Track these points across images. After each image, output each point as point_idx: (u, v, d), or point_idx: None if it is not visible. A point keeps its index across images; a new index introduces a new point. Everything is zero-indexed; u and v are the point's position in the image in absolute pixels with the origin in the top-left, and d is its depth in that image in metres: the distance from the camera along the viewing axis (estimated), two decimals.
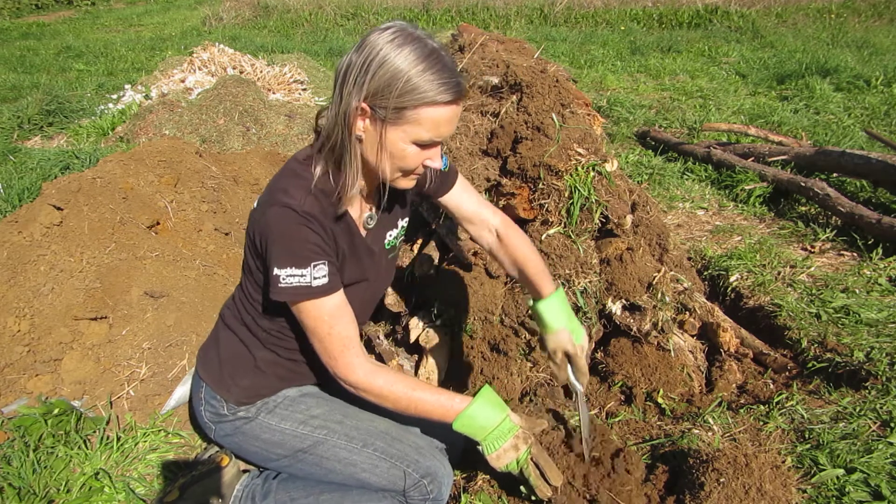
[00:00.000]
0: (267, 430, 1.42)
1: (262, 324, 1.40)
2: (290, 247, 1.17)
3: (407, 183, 1.25)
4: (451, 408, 1.25)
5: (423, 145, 1.16)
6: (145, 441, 1.88)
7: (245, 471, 1.60)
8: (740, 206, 3.55)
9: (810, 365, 2.08)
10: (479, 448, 1.29)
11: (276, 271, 1.17)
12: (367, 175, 1.27)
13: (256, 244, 1.24)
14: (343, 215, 1.27)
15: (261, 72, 6.28)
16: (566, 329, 1.44)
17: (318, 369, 1.44)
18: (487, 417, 1.25)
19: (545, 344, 1.48)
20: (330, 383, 1.48)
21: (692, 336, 2.18)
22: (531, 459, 1.29)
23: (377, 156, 1.17)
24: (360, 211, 1.36)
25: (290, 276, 1.17)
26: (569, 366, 1.48)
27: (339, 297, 1.24)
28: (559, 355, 1.46)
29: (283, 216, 1.17)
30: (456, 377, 2.08)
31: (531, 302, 1.51)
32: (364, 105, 1.11)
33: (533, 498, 1.35)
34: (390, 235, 1.47)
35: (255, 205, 1.27)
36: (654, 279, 2.10)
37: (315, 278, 1.18)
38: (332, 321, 1.21)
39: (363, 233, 1.38)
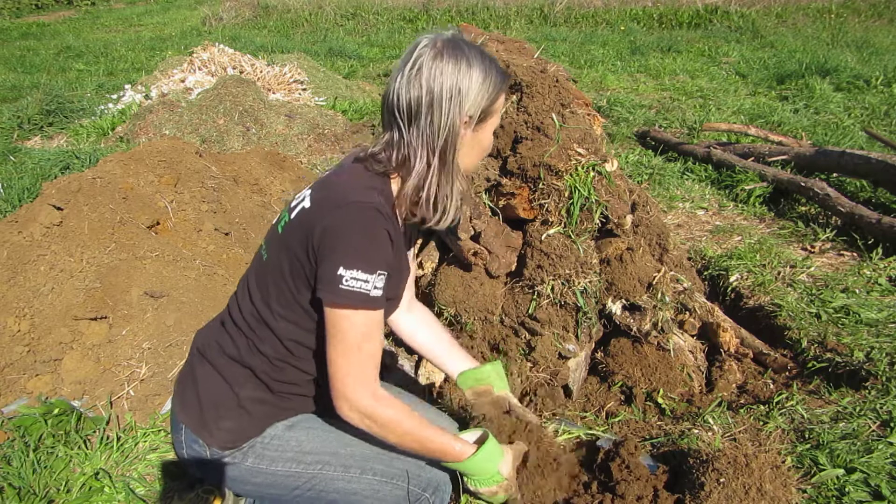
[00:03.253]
0: (258, 475, 1.33)
1: (266, 349, 1.29)
2: (365, 248, 1.12)
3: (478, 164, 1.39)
4: (453, 453, 1.29)
5: None
6: (145, 441, 1.88)
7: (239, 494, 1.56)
8: (740, 206, 3.55)
9: (810, 365, 2.08)
10: (464, 478, 1.36)
11: (340, 271, 1.11)
12: None
13: (311, 244, 1.16)
14: (405, 231, 1.30)
15: (261, 72, 6.28)
16: (494, 383, 1.56)
17: (309, 404, 1.38)
18: (483, 469, 1.32)
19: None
20: (323, 413, 1.43)
21: (692, 336, 2.18)
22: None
23: (471, 156, 1.30)
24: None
25: (355, 278, 1.11)
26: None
27: (381, 313, 1.20)
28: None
29: (364, 215, 1.14)
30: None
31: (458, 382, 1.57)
32: (466, 118, 1.21)
33: None
34: (410, 254, 1.47)
35: (309, 204, 1.21)
36: (654, 279, 2.10)
37: (375, 287, 1.14)
38: (368, 336, 1.16)
39: None
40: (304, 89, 6.31)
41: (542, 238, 2.07)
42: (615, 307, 2.08)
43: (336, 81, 6.73)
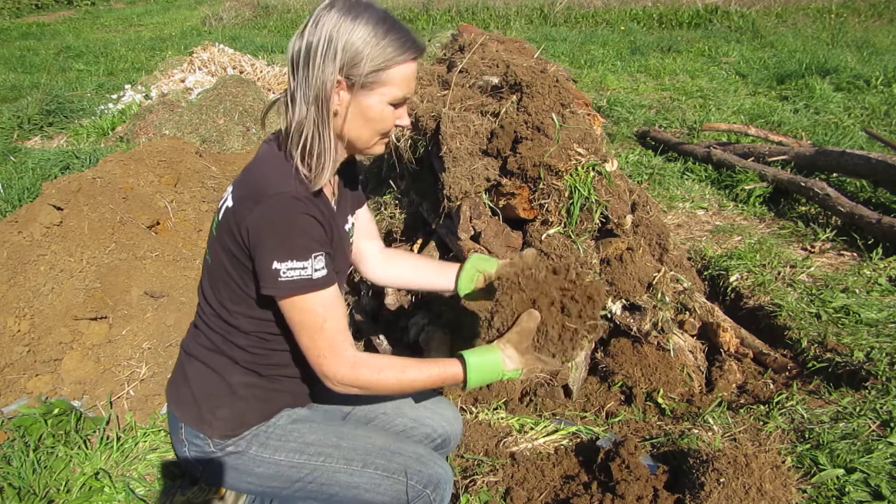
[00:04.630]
0: (261, 464, 1.34)
1: (240, 341, 1.30)
2: (290, 238, 1.13)
3: (380, 148, 1.28)
4: (452, 380, 1.26)
5: (396, 104, 1.20)
6: (145, 441, 1.88)
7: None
8: (740, 206, 3.55)
9: (810, 365, 2.08)
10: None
11: (275, 265, 1.12)
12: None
13: (243, 242, 1.17)
14: (327, 202, 1.26)
15: (261, 72, 6.28)
16: (488, 267, 1.47)
17: (299, 384, 1.39)
18: (488, 376, 1.26)
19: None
20: (317, 395, 1.47)
21: (692, 336, 2.18)
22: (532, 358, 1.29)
23: (355, 125, 1.20)
24: (330, 197, 1.32)
25: (291, 269, 1.13)
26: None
27: (335, 288, 1.21)
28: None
29: (281, 206, 1.13)
30: None
31: (458, 288, 1.50)
32: (340, 77, 1.13)
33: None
34: (348, 224, 1.43)
35: (232, 203, 1.19)
36: (654, 279, 2.10)
37: (315, 269, 1.15)
38: (326, 314, 1.18)
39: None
40: None
41: (542, 238, 2.08)
42: (615, 307, 2.08)
43: None
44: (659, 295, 2.09)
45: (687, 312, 2.15)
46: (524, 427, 1.89)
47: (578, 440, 1.83)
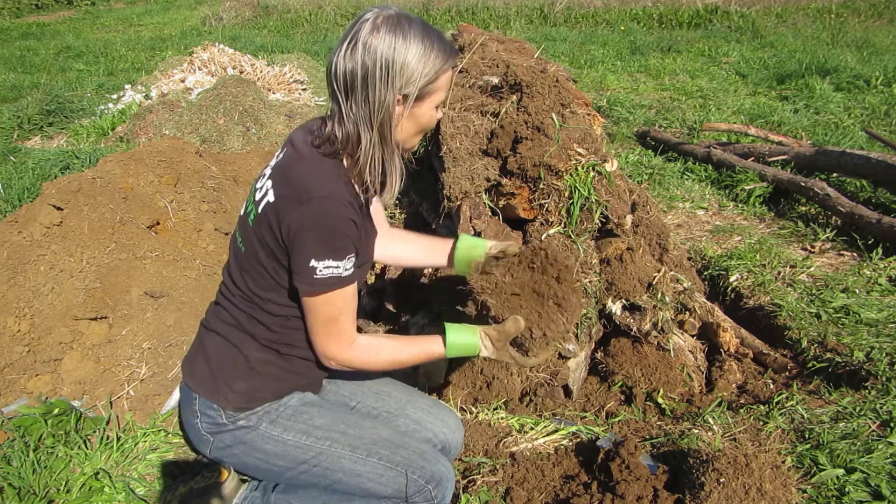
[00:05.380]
0: (269, 441, 1.38)
1: (264, 319, 1.36)
2: (332, 240, 1.20)
3: (418, 140, 1.38)
4: (436, 354, 1.40)
5: (438, 105, 1.30)
6: (145, 441, 1.88)
7: (243, 480, 1.58)
8: (740, 206, 3.55)
9: (810, 365, 2.08)
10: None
11: (312, 263, 1.19)
12: None
13: (281, 238, 1.22)
14: (360, 199, 1.31)
15: (261, 72, 6.28)
16: (478, 254, 1.57)
17: (313, 369, 1.43)
18: (465, 349, 1.41)
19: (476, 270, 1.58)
20: (327, 385, 1.53)
21: (692, 336, 2.18)
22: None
23: (407, 132, 1.29)
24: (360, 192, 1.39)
25: (328, 267, 1.21)
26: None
27: (355, 285, 1.29)
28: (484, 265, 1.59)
29: (326, 209, 1.19)
30: (456, 376, 2.08)
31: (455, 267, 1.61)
32: (399, 96, 1.20)
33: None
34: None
35: (273, 199, 1.24)
36: (654, 279, 2.10)
37: (346, 269, 1.23)
38: (344, 307, 1.27)
39: None
40: (304, 89, 6.31)
41: (542, 238, 2.08)
42: (615, 307, 2.08)
43: None
44: (659, 295, 2.09)
45: (687, 312, 2.15)
46: (524, 427, 1.89)
47: (578, 440, 1.83)
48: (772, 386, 2.08)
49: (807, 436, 1.73)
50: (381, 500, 1.40)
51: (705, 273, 2.82)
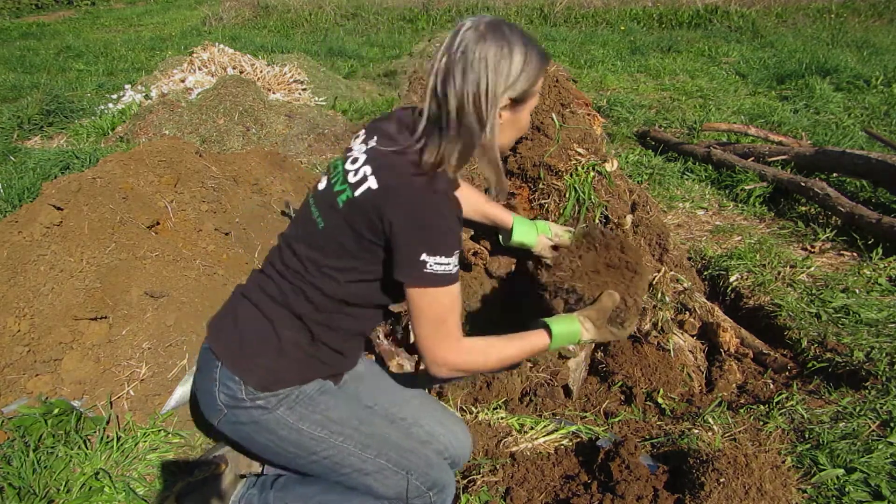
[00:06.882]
0: (284, 427, 1.36)
1: (317, 298, 1.33)
2: (444, 235, 1.21)
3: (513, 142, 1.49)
4: (540, 349, 1.43)
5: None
6: (145, 441, 1.88)
7: (242, 476, 1.58)
8: (740, 206, 3.55)
9: (810, 365, 2.08)
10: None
11: (423, 257, 1.19)
12: None
13: (380, 227, 1.22)
14: None
15: (261, 72, 6.28)
16: (539, 236, 1.75)
17: (341, 361, 1.43)
18: (568, 338, 1.45)
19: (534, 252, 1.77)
20: (347, 383, 1.53)
21: (692, 336, 2.18)
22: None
23: (508, 136, 1.36)
24: None
25: (438, 263, 1.20)
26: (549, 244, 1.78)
27: (459, 283, 1.29)
28: (548, 251, 1.76)
29: (438, 203, 1.21)
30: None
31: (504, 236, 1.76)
32: (507, 102, 1.25)
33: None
34: None
35: (377, 186, 1.22)
36: (654, 279, 2.10)
37: (454, 266, 1.23)
38: (452, 307, 1.26)
39: None
40: (304, 89, 6.31)
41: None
42: None
43: (336, 81, 6.73)
44: (659, 295, 2.09)
45: (687, 312, 2.15)
46: (524, 427, 1.89)
47: (578, 440, 1.83)
48: (772, 386, 2.08)
49: (807, 436, 1.73)
50: (380, 500, 1.40)
51: (705, 273, 2.82)
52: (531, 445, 1.81)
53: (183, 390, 1.99)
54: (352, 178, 1.28)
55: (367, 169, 1.26)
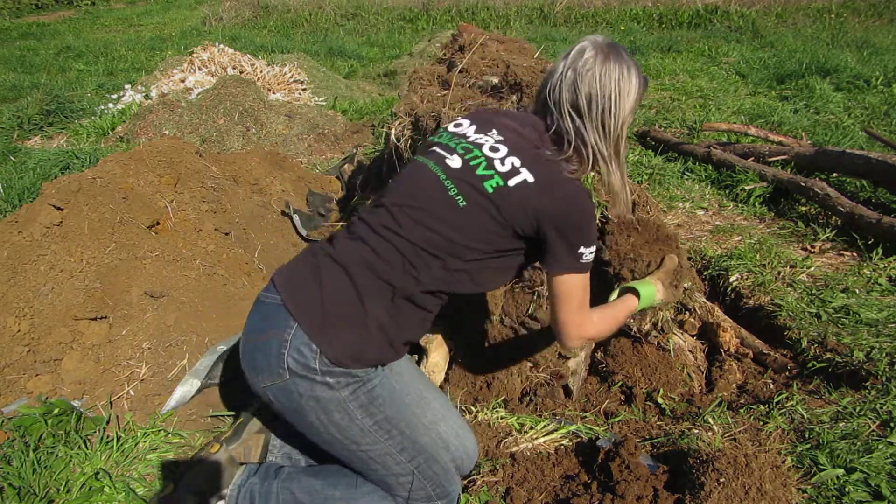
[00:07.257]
0: (340, 410, 1.31)
1: (422, 277, 1.31)
2: (594, 229, 1.37)
3: None
4: (632, 307, 1.65)
5: None
6: (145, 441, 1.88)
7: (242, 464, 1.57)
8: (740, 205, 3.54)
9: (810, 365, 2.08)
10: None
11: (581, 249, 1.33)
12: None
13: (534, 220, 1.31)
14: None
15: (261, 72, 6.28)
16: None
17: (403, 348, 1.43)
18: (650, 300, 1.72)
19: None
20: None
21: (692, 336, 2.18)
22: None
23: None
24: None
25: (591, 252, 1.36)
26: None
27: None
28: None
29: (588, 201, 1.35)
30: (456, 376, 2.08)
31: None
32: (629, 119, 1.39)
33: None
34: None
35: (533, 179, 1.31)
36: None
37: (593, 253, 1.39)
38: (587, 289, 1.41)
39: None
40: (304, 89, 6.31)
41: None
42: None
43: (336, 81, 6.73)
44: None
45: (687, 312, 2.15)
46: (524, 427, 1.89)
47: (578, 440, 1.83)
48: (772, 386, 2.08)
49: (807, 436, 1.73)
50: (386, 498, 1.41)
51: (705, 273, 2.82)
52: (531, 445, 1.81)
53: (183, 390, 1.99)
54: (500, 167, 1.34)
55: (516, 161, 1.34)
